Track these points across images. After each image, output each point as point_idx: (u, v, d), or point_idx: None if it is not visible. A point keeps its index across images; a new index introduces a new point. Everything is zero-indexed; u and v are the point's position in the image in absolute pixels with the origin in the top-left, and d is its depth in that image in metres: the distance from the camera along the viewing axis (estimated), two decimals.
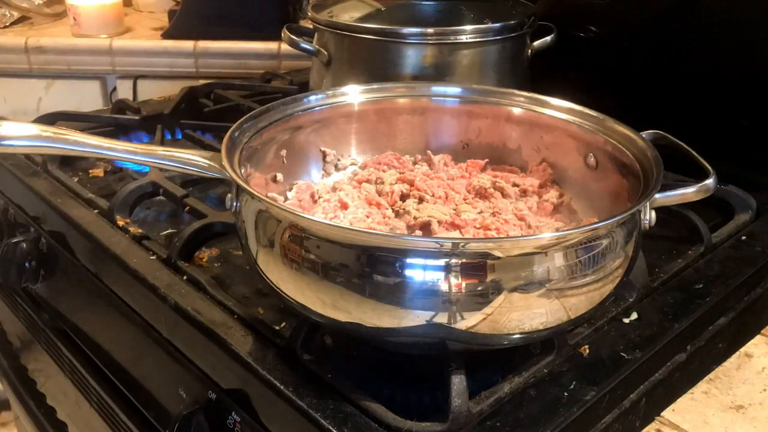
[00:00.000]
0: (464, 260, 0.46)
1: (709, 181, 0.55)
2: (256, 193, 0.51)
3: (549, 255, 0.47)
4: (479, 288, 0.46)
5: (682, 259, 0.70)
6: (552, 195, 0.66)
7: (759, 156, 0.83)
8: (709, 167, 0.57)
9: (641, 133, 0.61)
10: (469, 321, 0.47)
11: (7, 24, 1.66)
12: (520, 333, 0.49)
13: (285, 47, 1.50)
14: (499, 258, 0.46)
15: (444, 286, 0.46)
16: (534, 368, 0.55)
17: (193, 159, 0.58)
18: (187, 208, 0.79)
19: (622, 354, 0.57)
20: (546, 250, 0.47)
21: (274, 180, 0.67)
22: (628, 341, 0.58)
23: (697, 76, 0.88)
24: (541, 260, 0.47)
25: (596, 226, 0.49)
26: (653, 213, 0.54)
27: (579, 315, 0.51)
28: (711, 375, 0.62)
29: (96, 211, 0.79)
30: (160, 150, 0.59)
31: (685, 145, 0.61)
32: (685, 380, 0.61)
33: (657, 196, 0.53)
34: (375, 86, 0.73)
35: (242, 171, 0.58)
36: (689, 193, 0.55)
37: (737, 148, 0.83)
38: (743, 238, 0.74)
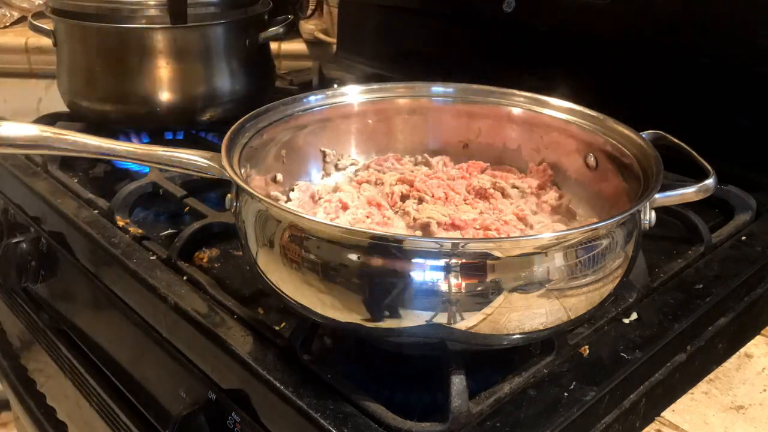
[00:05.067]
0: (464, 260, 0.46)
1: (709, 181, 0.55)
2: (256, 194, 0.51)
3: (549, 255, 0.47)
4: (479, 288, 0.46)
5: (682, 259, 0.70)
6: (551, 196, 0.66)
7: (759, 156, 0.83)
8: (709, 167, 0.57)
9: (641, 133, 0.61)
10: (469, 321, 0.47)
11: (7, 24, 1.66)
12: (520, 333, 0.49)
13: (285, 47, 1.50)
14: (499, 258, 0.46)
15: (444, 287, 0.46)
16: (534, 368, 0.55)
17: (193, 159, 0.58)
18: (187, 208, 0.79)
19: (622, 354, 0.57)
20: (546, 250, 0.47)
21: (275, 180, 0.67)
22: (628, 341, 0.58)
23: (698, 76, 0.88)
24: (541, 260, 0.47)
25: (596, 226, 0.49)
26: (653, 213, 0.54)
27: (579, 315, 0.51)
28: (711, 375, 0.62)
29: (96, 211, 0.79)
30: (160, 150, 0.59)
31: (685, 145, 0.61)
32: (685, 380, 0.61)
33: (657, 196, 0.53)
34: (375, 86, 0.73)
35: (242, 171, 0.58)
36: (689, 193, 0.55)
37: (737, 148, 0.83)
38: (743, 238, 0.74)
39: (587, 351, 0.57)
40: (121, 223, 0.76)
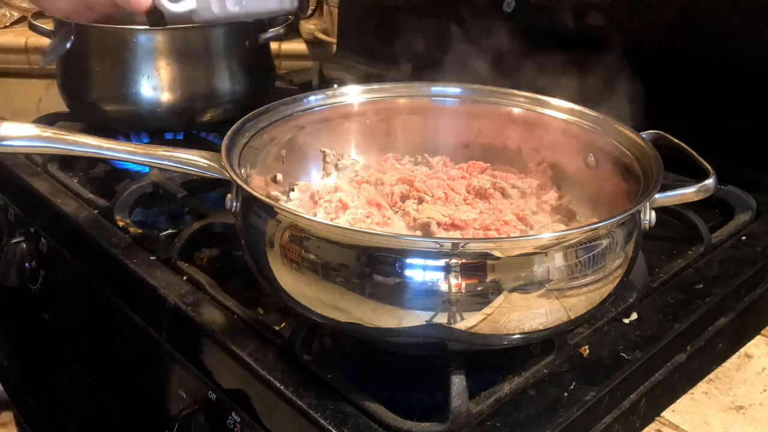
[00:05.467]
0: (464, 260, 0.46)
1: (709, 181, 0.55)
2: (256, 194, 0.51)
3: (549, 255, 0.47)
4: (479, 288, 0.46)
5: (682, 259, 0.70)
6: (551, 196, 0.66)
7: (759, 156, 0.83)
8: (709, 167, 0.57)
9: (641, 133, 0.61)
10: (469, 321, 0.47)
11: (7, 24, 1.66)
12: (520, 333, 0.49)
13: (285, 47, 1.50)
14: (498, 258, 0.46)
15: (444, 287, 0.46)
16: (534, 368, 0.55)
17: (192, 159, 0.58)
18: (187, 208, 0.79)
19: (622, 354, 0.57)
20: (546, 250, 0.47)
21: (275, 180, 0.67)
22: (628, 341, 0.58)
23: (697, 76, 0.88)
24: (541, 260, 0.47)
25: (596, 226, 0.49)
26: (653, 213, 0.54)
27: (579, 315, 0.51)
28: (711, 375, 0.62)
29: (96, 211, 0.79)
30: (160, 150, 0.59)
31: (685, 146, 0.61)
32: (685, 380, 0.61)
33: (657, 196, 0.53)
34: (375, 86, 0.73)
35: (242, 171, 0.58)
36: (689, 193, 0.55)
37: (737, 148, 0.83)
38: (743, 238, 0.74)
39: (587, 351, 0.57)
40: (121, 223, 0.76)
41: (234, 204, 0.56)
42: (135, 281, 0.67)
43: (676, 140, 0.62)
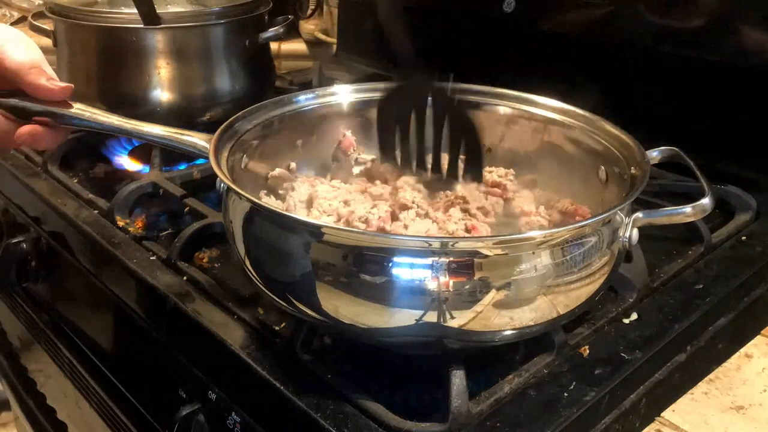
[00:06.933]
0: (452, 259, 0.46)
1: (705, 201, 0.54)
2: (229, 183, 0.51)
3: (536, 253, 0.47)
4: (468, 286, 0.46)
5: (682, 259, 0.70)
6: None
7: (759, 156, 0.83)
8: (707, 187, 0.56)
9: (655, 149, 0.61)
10: (459, 319, 0.47)
11: (7, 24, 1.66)
12: (512, 329, 0.50)
13: (285, 47, 1.50)
14: (487, 256, 0.46)
15: (433, 285, 0.46)
16: (534, 368, 0.55)
17: (192, 141, 0.59)
18: (187, 208, 0.79)
19: (622, 354, 0.57)
20: (533, 248, 0.47)
21: (288, 169, 0.68)
22: (628, 341, 0.58)
23: (698, 76, 0.88)
24: (528, 258, 0.47)
25: (581, 224, 0.50)
26: (635, 231, 0.54)
27: (569, 310, 0.51)
28: (711, 375, 0.61)
29: (96, 211, 0.79)
30: (162, 130, 0.60)
31: (693, 166, 0.61)
32: (685, 381, 0.61)
33: (651, 217, 0.54)
34: (389, 85, 0.73)
35: (241, 157, 0.58)
36: (684, 214, 0.55)
37: (737, 148, 0.83)
38: (743, 238, 0.74)
39: (587, 351, 0.57)
40: (121, 223, 0.76)
41: (221, 186, 0.57)
42: (135, 281, 0.67)
43: (687, 158, 0.62)
